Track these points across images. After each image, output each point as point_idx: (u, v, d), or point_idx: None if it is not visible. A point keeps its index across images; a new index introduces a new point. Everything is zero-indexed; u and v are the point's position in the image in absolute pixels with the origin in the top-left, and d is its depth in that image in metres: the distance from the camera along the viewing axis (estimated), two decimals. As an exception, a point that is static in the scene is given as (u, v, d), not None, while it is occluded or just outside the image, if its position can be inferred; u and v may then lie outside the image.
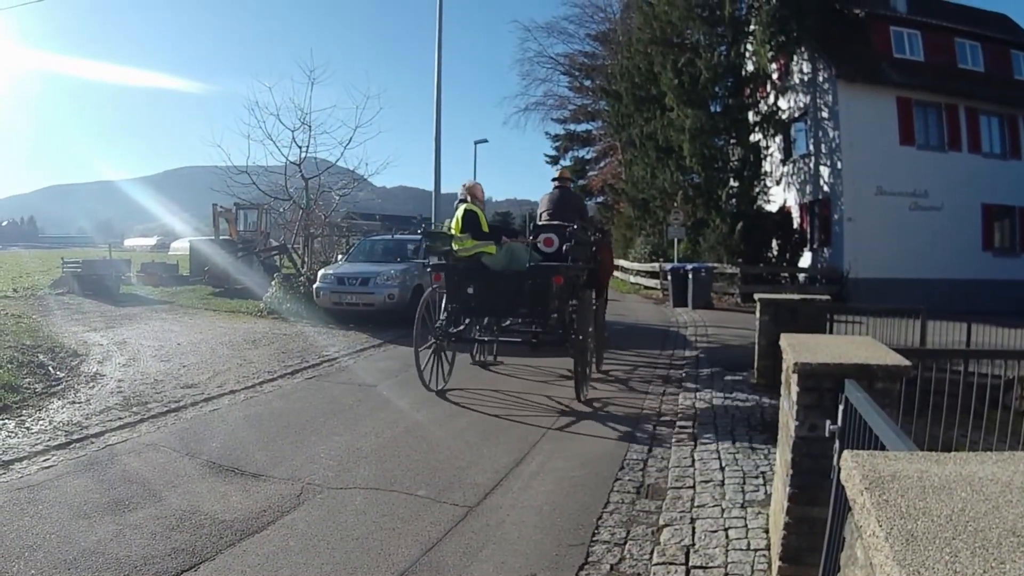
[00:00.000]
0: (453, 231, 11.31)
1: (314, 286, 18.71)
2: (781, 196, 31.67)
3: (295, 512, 6.15)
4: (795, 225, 29.88)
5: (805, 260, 29.58)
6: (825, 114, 28.52)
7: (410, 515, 6.06)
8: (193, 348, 14.43)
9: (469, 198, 11.48)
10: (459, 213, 11.25)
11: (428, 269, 11.73)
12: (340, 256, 22.40)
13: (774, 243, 28.61)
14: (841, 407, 3.75)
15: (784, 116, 30.52)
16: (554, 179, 13.88)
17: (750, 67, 29.89)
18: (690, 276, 23.86)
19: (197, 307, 21.74)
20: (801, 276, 28.20)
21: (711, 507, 6.12)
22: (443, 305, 11.27)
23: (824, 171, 28.73)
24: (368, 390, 11.18)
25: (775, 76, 30.61)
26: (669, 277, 25.53)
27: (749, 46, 29.53)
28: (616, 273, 22.86)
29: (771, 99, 30.68)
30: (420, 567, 5.16)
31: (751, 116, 30.26)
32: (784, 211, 30.47)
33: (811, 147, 29.93)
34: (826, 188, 28.59)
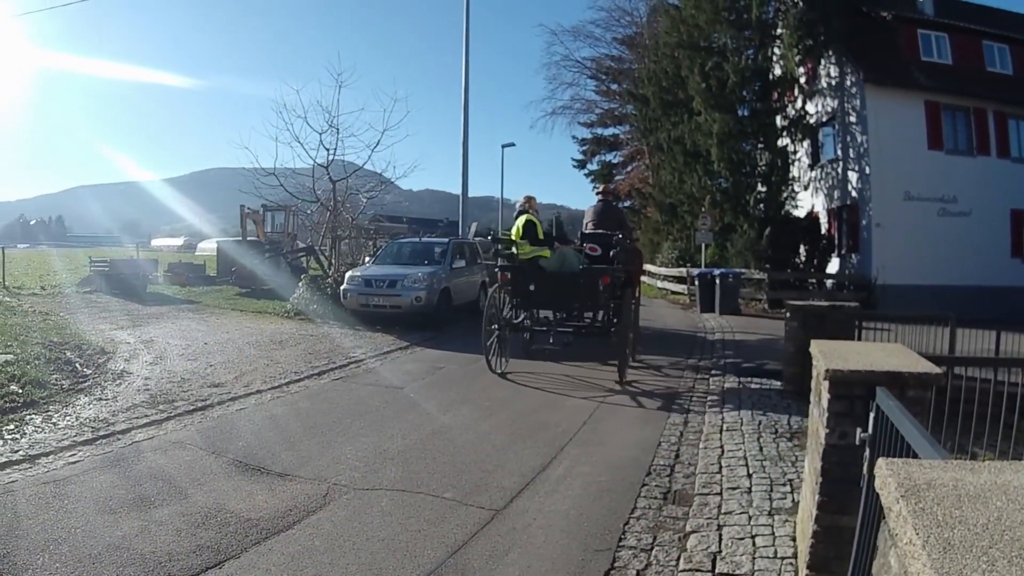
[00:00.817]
0: (514, 238, 13.52)
1: (341, 288, 18.82)
2: (809, 201, 31.50)
3: (321, 512, 6.17)
4: (823, 231, 29.67)
5: (833, 266, 29.35)
6: (853, 118, 28.28)
7: (436, 517, 6.07)
8: (220, 348, 14.54)
9: (530, 209, 13.76)
10: (520, 222, 13.46)
11: (496, 269, 14.12)
12: (367, 258, 22.48)
13: (802, 249, 28.36)
14: (872, 415, 3.72)
15: (812, 120, 30.38)
16: (598, 193, 16.15)
17: (778, 71, 29.88)
18: (717, 282, 23.81)
19: (224, 307, 21.88)
20: (828, 282, 28.00)
21: (738, 514, 6.10)
22: (505, 300, 13.48)
23: (852, 176, 28.50)
24: (395, 392, 11.23)
25: (803, 80, 30.44)
26: (696, 282, 25.47)
27: (777, 50, 29.52)
28: (643, 278, 22.82)
29: (799, 103, 30.46)
30: (446, 569, 5.17)
31: (779, 120, 30.22)
32: (812, 216, 30.28)
33: (839, 152, 29.69)
34: (854, 193, 28.33)
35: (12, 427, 8.50)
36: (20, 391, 9.97)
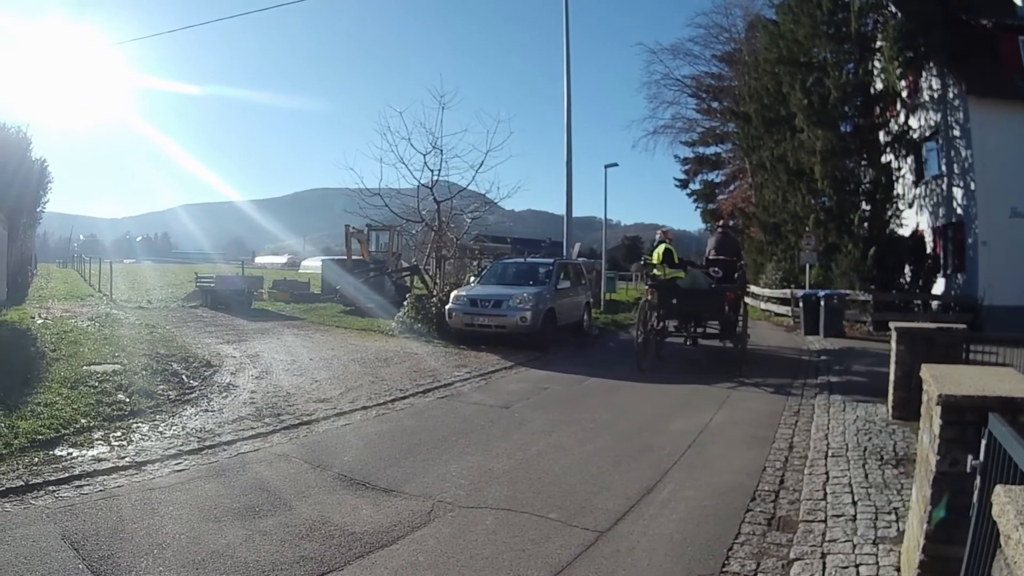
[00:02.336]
0: (654, 261, 17.16)
1: (446, 307, 19.06)
2: (913, 219, 30.54)
3: (425, 528, 6.25)
4: (928, 250, 28.85)
5: (938, 286, 28.48)
6: (957, 132, 27.31)
7: (540, 537, 6.10)
8: (325, 364, 14.89)
9: (667, 240, 17.37)
10: (660, 250, 17.14)
11: (646, 286, 18.16)
12: (472, 278, 22.67)
13: (907, 269, 27.76)
14: (984, 441, 3.67)
15: (915, 135, 29.61)
16: (718, 225, 22.22)
17: (879, 85, 29.33)
18: (822, 303, 23.48)
19: (328, 324, 22.31)
20: (934, 304, 27.22)
21: (842, 542, 6.01)
22: (649, 311, 16.64)
23: (957, 192, 27.56)
24: (500, 411, 11.30)
25: (904, 94, 29.79)
26: (801, 304, 25.16)
27: (877, 63, 29.06)
28: (746, 299, 22.73)
29: (901, 118, 29.79)
30: (549, 590, 5.21)
31: (882, 136, 29.69)
32: (917, 235, 29.40)
33: (943, 167, 28.65)
34: (959, 210, 27.39)
35: (119, 434, 8.92)
36: (127, 400, 10.43)
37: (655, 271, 17.06)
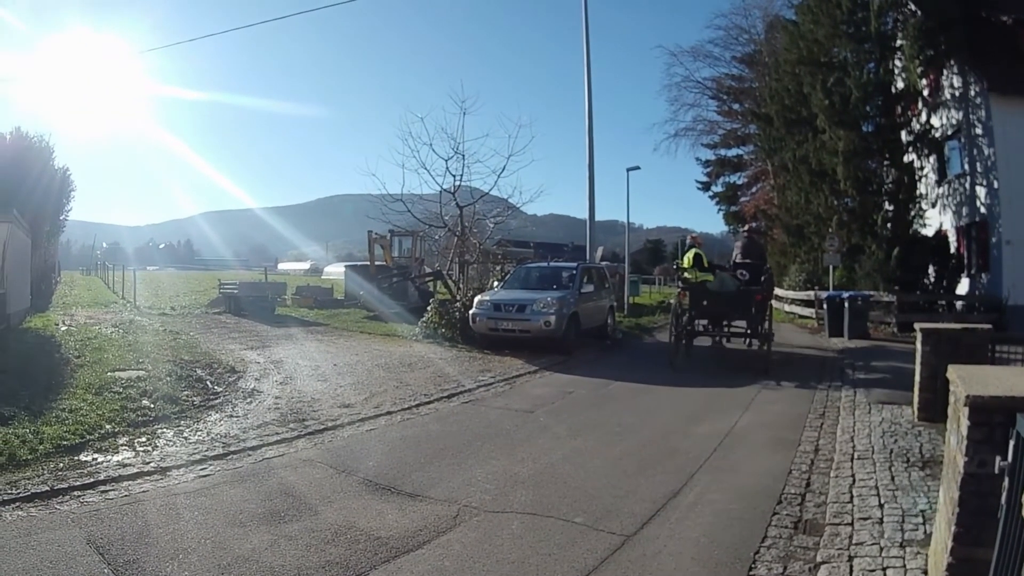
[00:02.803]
0: (685, 266, 18.19)
1: (470, 312, 19.10)
2: (937, 219, 30.28)
3: (451, 533, 6.25)
4: (952, 250, 28.43)
5: (963, 286, 28.03)
6: (979, 131, 26.94)
7: (567, 541, 6.09)
8: (349, 369, 14.98)
9: (696, 245, 18.56)
10: (690, 254, 18.15)
11: (679, 289, 19.27)
12: (495, 283, 22.73)
13: (930, 269, 27.40)
14: (1012, 442, 3.64)
15: (937, 134, 29.34)
16: (744, 230, 22.76)
17: (900, 84, 29.21)
18: (846, 305, 23.42)
19: (352, 330, 22.43)
20: (958, 304, 26.94)
21: (869, 545, 5.98)
22: (681, 312, 17.85)
23: (980, 191, 27.18)
24: (525, 416, 11.29)
25: (926, 92, 29.53)
26: (825, 306, 25.03)
27: (897, 62, 28.85)
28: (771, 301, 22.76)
29: (923, 117, 29.62)
30: (575, 594, 5.20)
31: (903, 136, 29.50)
32: (940, 235, 29.09)
33: (966, 166, 28.22)
34: (983, 209, 26.99)
35: (144, 440, 9.04)
36: (152, 406, 10.57)
37: (686, 275, 18.03)
